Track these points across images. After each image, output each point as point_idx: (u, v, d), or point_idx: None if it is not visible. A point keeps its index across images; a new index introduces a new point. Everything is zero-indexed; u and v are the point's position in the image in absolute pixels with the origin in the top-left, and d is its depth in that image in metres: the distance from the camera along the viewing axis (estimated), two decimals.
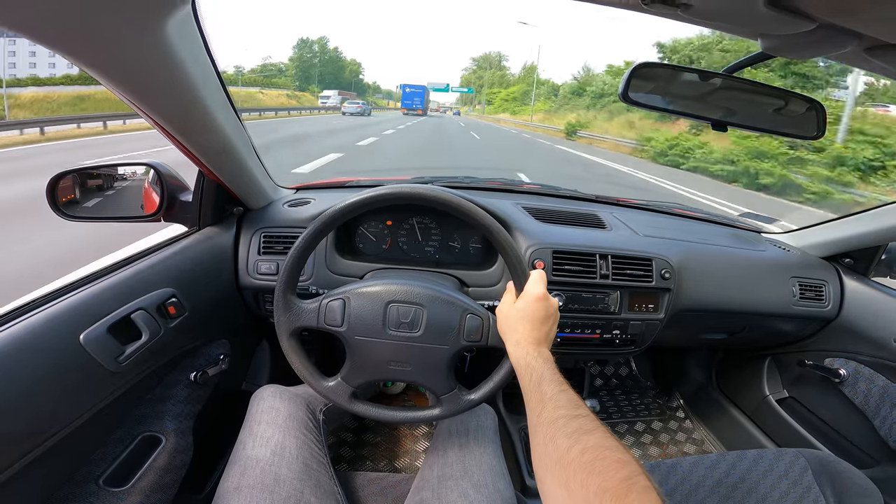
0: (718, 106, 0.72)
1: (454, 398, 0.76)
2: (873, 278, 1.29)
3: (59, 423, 0.63)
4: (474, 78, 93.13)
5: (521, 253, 0.77)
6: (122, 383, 0.74)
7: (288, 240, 1.06)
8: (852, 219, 1.22)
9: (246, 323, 1.19)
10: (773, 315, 1.26)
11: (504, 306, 0.74)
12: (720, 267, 1.22)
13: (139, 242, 2.57)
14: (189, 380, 0.95)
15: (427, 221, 1.15)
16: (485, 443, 0.86)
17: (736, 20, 0.47)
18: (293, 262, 0.73)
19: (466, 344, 0.74)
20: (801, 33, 0.44)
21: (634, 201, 1.56)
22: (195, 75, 0.64)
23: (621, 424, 1.68)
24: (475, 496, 0.73)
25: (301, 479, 0.72)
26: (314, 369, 0.76)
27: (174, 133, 0.73)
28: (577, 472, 0.42)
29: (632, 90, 0.69)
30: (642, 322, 1.14)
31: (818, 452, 0.95)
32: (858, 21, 0.41)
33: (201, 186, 0.98)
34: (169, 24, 0.51)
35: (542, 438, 0.50)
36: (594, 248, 1.10)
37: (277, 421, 0.81)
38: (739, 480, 0.88)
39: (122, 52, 0.52)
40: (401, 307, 0.74)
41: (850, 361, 1.23)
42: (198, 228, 1.03)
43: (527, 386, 0.59)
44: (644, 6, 0.45)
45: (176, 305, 0.84)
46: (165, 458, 0.83)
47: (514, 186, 1.53)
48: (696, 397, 1.75)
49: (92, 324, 0.68)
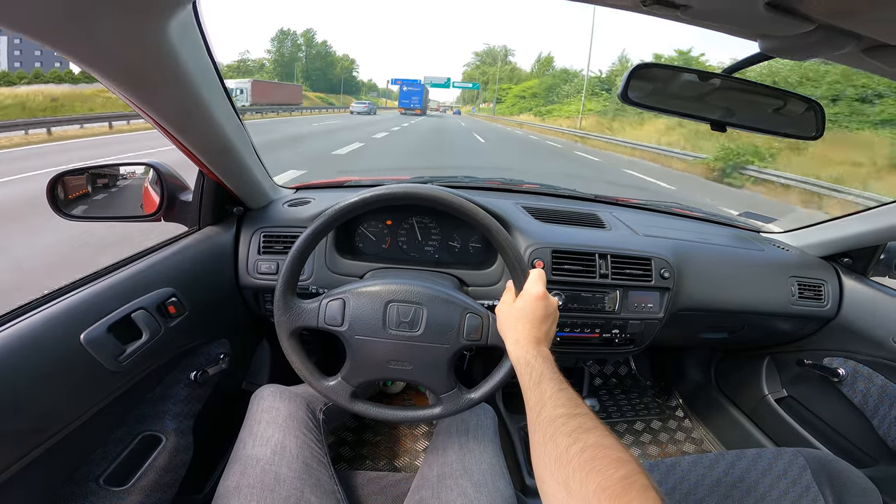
0: (717, 106, 0.73)
1: (454, 397, 0.76)
2: (872, 278, 1.29)
3: (59, 422, 0.63)
4: (478, 74, 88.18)
5: (520, 252, 0.77)
6: (122, 383, 0.74)
7: (288, 239, 1.06)
8: (851, 218, 1.23)
9: (246, 322, 1.19)
10: (771, 314, 1.26)
11: (503, 305, 0.74)
12: (719, 266, 1.23)
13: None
14: (189, 379, 0.95)
15: (427, 221, 1.15)
16: (484, 442, 0.87)
17: (735, 21, 0.47)
18: (293, 261, 0.73)
19: (466, 343, 0.75)
20: (799, 34, 0.45)
21: (634, 201, 1.56)
22: (196, 75, 0.64)
23: (621, 423, 1.68)
24: (475, 495, 0.73)
25: (301, 479, 0.73)
26: (314, 369, 0.76)
27: (174, 133, 0.74)
28: (577, 471, 0.43)
29: (631, 91, 0.69)
30: (641, 321, 1.15)
31: (817, 452, 0.96)
32: (857, 22, 0.42)
33: (201, 186, 0.99)
34: (171, 25, 0.51)
35: (541, 437, 0.50)
36: (593, 247, 1.10)
37: (277, 420, 0.81)
38: (738, 479, 0.88)
39: (123, 53, 0.52)
40: (401, 306, 0.74)
41: (849, 361, 1.24)
42: (198, 228, 1.03)
43: (526, 384, 0.59)
44: (643, 7, 0.45)
45: (176, 305, 0.84)
46: (166, 458, 0.83)
47: (514, 186, 1.53)
48: (695, 396, 1.75)
49: (92, 323, 0.68)
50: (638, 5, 0.45)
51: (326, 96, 71.13)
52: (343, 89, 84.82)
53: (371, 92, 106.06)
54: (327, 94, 74.40)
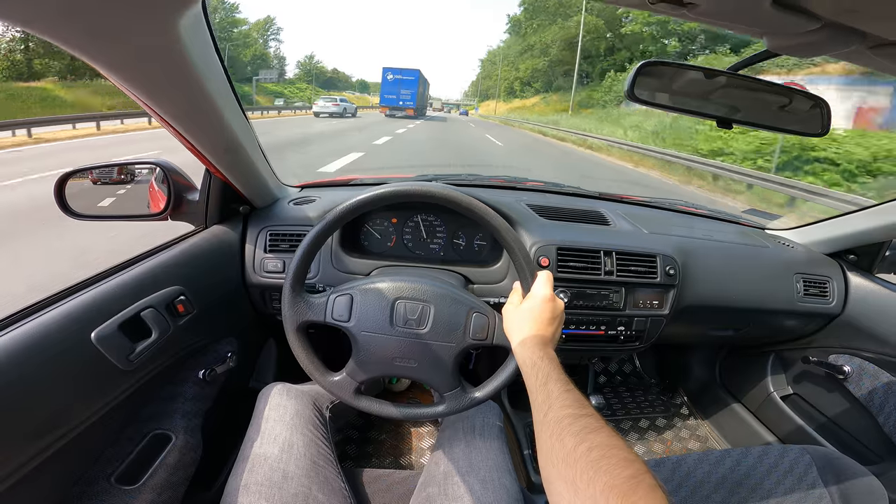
0: (723, 103, 0.73)
1: (458, 396, 0.77)
2: (877, 274, 1.28)
3: (71, 420, 0.64)
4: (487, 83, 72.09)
5: (528, 253, 0.77)
6: (132, 381, 0.75)
7: (294, 238, 1.07)
8: (856, 215, 1.22)
9: (253, 321, 1.19)
10: (777, 311, 1.26)
11: (510, 306, 0.75)
12: (724, 263, 1.23)
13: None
14: (197, 377, 0.95)
15: (432, 219, 1.16)
16: (491, 439, 0.87)
17: (742, 19, 0.47)
18: (302, 257, 0.74)
19: (472, 342, 0.75)
20: (806, 32, 0.45)
21: (638, 198, 1.56)
22: (204, 73, 0.64)
23: (626, 421, 1.69)
24: (481, 492, 0.74)
25: (309, 476, 0.73)
26: (319, 364, 0.77)
27: (182, 131, 0.74)
28: (585, 470, 0.43)
29: (637, 88, 0.69)
30: (647, 318, 1.15)
31: (823, 449, 0.96)
32: (863, 20, 0.42)
33: (208, 185, 0.99)
34: (180, 23, 0.52)
35: (548, 437, 0.50)
36: (598, 244, 1.11)
37: (285, 418, 0.81)
38: (744, 476, 0.88)
39: (134, 51, 0.52)
40: (408, 304, 0.75)
41: (855, 358, 1.23)
42: (205, 227, 1.04)
43: (533, 385, 0.60)
44: (650, 4, 0.45)
45: (185, 304, 0.85)
46: (175, 456, 0.84)
47: (518, 184, 1.53)
48: (700, 394, 1.75)
49: (103, 321, 0.69)
50: (645, 3, 0.46)
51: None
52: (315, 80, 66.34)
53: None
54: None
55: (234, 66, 50.46)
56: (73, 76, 25.37)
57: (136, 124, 13.66)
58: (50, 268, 3.07)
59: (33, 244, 3.59)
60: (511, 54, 49.35)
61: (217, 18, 49.22)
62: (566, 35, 32.74)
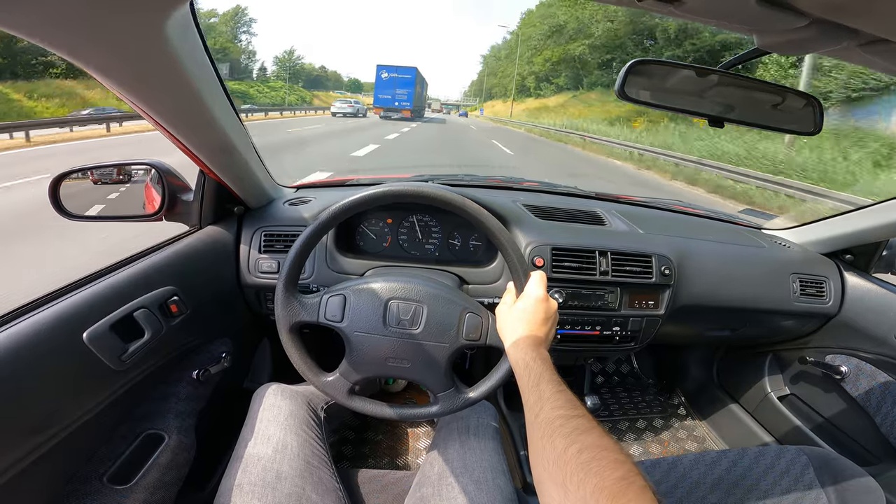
0: (716, 102, 0.72)
1: (452, 396, 0.77)
2: (874, 274, 1.28)
3: (62, 420, 0.64)
4: (491, 80, 67.30)
5: (522, 254, 0.77)
6: (125, 381, 0.75)
7: (288, 238, 1.07)
8: (853, 215, 1.22)
9: (247, 321, 1.19)
10: (773, 311, 1.25)
11: (504, 307, 0.75)
12: (720, 263, 1.22)
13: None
14: (191, 378, 0.95)
15: (427, 219, 1.16)
16: (485, 440, 0.87)
17: (729, 17, 0.47)
18: (296, 257, 0.74)
19: (465, 342, 0.75)
20: (795, 29, 0.44)
21: (633, 198, 1.56)
22: (195, 75, 0.64)
23: (623, 422, 1.68)
24: (475, 492, 0.74)
25: (303, 477, 0.73)
26: (313, 364, 0.77)
27: (175, 133, 0.74)
28: (575, 472, 0.43)
29: (628, 87, 0.69)
30: (642, 318, 1.14)
31: (820, 450, 0.95)
32: (851, 16, 0.42)
33: (202, 186, 0.99)
34: (168, 24, 0.52)
35: (539, 438, 0.50)
36: (593, 245, 1.10)
37: (279, 419, 0.81)
38: (741, 477, 0.88)
39: (123, 53, 0.53)
40: (401, 304, 0.75)
41: (852, 358, 1.23)
42: (199, 227, 1.04)
43: (525, 386, 0.60)
44: (637, 2, 0.45)
45: (178, 304, 0.85)
46: (168, 456, 0.84)
47: (513, 184, 1.53)
48: (697, 394, 1.75)
49: (95, 322, 0.69)
50: (633, 0, 0.45)
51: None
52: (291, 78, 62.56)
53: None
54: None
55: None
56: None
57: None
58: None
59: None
60: (528, 41, 40.18)
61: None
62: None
